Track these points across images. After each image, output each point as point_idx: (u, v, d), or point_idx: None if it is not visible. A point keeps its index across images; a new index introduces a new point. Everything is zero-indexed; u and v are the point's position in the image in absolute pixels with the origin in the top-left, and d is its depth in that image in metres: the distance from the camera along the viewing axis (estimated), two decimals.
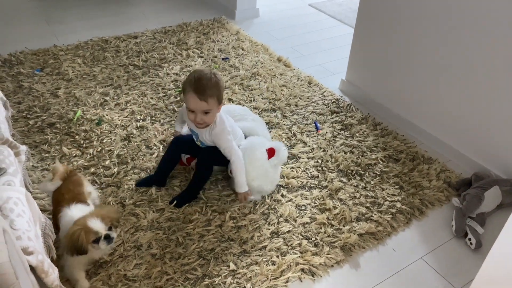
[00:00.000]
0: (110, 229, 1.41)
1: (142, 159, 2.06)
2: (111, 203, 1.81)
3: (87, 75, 2.71)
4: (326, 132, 2.32)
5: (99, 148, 2.10)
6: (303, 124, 2.38)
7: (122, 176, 1.95)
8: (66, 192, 1.54)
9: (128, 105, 2.44)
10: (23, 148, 1.58)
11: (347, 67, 2.71)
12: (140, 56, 2.94)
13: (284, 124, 2.37)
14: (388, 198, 1.92)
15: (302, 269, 1.61)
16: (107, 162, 2.02)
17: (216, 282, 1.54)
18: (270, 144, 1.88)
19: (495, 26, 1.82)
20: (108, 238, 1.40)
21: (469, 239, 1.73)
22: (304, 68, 2.98)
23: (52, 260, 1.27)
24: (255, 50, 3.13)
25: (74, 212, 1.45)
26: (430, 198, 1.94)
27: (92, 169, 1.98)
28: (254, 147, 1.86)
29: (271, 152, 1.84)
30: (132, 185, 1.91)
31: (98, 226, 1.37)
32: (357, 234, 1.75)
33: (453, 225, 1.80)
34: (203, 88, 1.66)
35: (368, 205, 1.88)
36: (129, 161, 2.04)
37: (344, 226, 1.78)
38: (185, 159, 1.99)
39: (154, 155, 2.08)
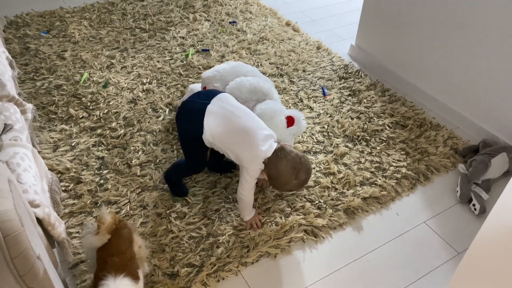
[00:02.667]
0: None
1: (149, 122, 2.06)
2: (118, 164, 1.83)
3: (94, 37, 2.69)
4: (334, 98, 2.29)
5: (106, 110, 2.10)
6: (311, 89, 2.35)
7: (128, 138, 1.97)
8: (116, 253, 1.20)
9: (134, 68, 2.43)
10: (30, 106, 1.59)
11: (357, 32, 2.64)
12: (146, 19, 2.90)
13: (291, 90, 2.34)
14: (394, 164, 1.91)
15: (305, 230, 1.63)
16: (113, 124, 2.03)
17: (220, 241, 1.56)
18: (288, 112, 1.85)
19: None
20: None
21: (474, 205, 1.73)
22: (313, 33, 2.93)
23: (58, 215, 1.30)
24: (263, 14, 3.07)
25: None
26: (436, 164, 1.93)
27: (99, 131, 1.99)
28: (275, 114, 1.80)
29: (290, 121, 1.82)
30: (138, 146, 1.92)
31: None
32: (361, 198, 1.75)
33: (458, 191, 1.79)
34: None
35: (373, 170, 1.88)
36: (135, 123, 2.05)
37: (348, 190, 1.79)
38: None
39: (160, 118, 2.08)
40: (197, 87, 2.05)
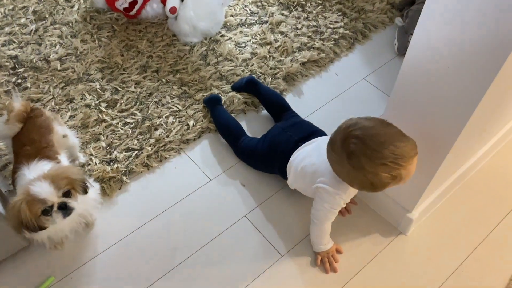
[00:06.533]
0: (67, 194, 1.04)
1: (62, 13, 1.84)
2: (34, 61, 1.66)
3: None
4: None
5: (11, 6, 1.86)
6: None
7: (42, 33, 1.76)
8: (28, 143, 1.12)
9: None
10: None
11: None
12: None
13: None
14: (331, 26, 1.84)
15: (245, 102, 1.58)
16: (22, 20, 1.80)
17: (158, 123, 1.49)
18: None
19: None
20: (63, 207, 1.03)
21: None
22: None
23: None
24: None
25: (33, 174, 1.05)
26: (374, 21, 1.87)
27: (7, 29, 1.77)
28: None
29: None
30: (54, 40, 1.73)
31: (46, 192, 0.99)
32: (299, 63, 1.70)
33: (395, 44, 1.77)
34: None
35: (310, 34, 1.80)
36: (47, 16, 1.83)
37: (286, 57, 1.72)
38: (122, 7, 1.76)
39: (75, 8, 1.86)
40: None
